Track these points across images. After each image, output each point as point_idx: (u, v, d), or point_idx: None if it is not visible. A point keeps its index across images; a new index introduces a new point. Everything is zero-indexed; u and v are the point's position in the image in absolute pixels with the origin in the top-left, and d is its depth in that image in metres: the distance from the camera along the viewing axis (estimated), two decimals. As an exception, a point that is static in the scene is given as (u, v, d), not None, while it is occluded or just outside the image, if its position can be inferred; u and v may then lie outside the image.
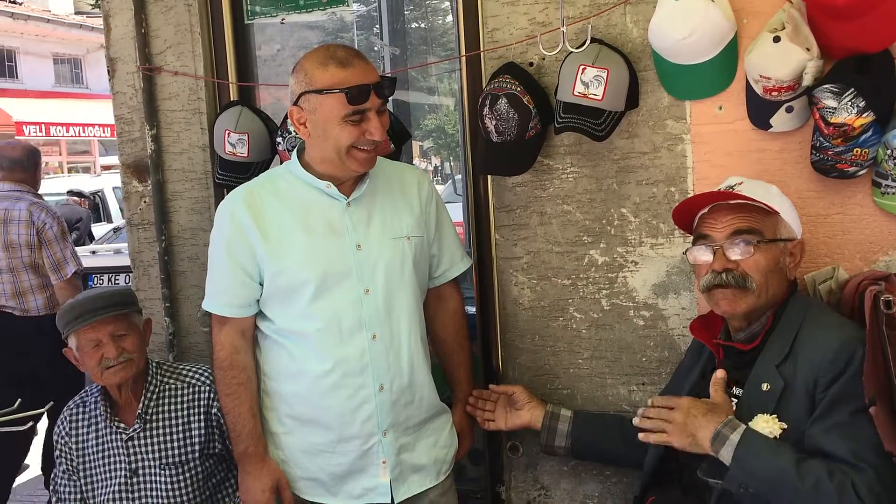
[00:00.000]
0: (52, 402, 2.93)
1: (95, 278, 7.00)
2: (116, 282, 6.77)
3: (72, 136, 20.33)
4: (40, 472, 4.88)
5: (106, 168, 22.29)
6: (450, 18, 2.41)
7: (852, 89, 1.85)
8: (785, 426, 1.68)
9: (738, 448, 1.66)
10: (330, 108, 1.94)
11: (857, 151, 1.93)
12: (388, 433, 2.09)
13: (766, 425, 1.69)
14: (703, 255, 1.87)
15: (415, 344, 2.12)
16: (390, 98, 2.08)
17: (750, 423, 1.71)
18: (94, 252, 7.51)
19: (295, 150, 2.15)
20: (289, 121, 2.50)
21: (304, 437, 2.11)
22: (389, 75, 1.98)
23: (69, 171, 20.73)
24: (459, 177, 2.40)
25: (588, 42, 2.18)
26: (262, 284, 2.08)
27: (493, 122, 2.23)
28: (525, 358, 2.48)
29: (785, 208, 1.87)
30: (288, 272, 2.04)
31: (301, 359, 2.07)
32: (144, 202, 2.89)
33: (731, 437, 1.67)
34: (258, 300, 2.11)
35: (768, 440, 1.67)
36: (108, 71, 2.90)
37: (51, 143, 20.38)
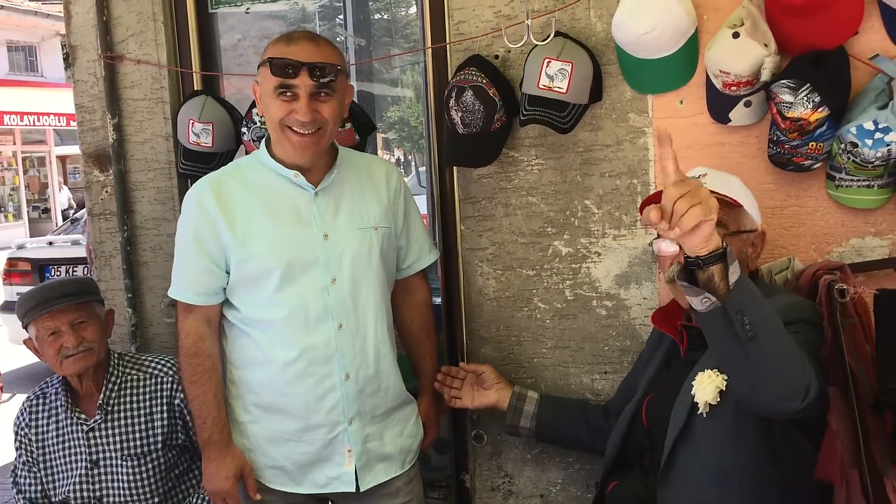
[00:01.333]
0: None
1: (52, 269, 6.95)
2: (74, 273, 6.70)
3: (26, 125, 19.86)
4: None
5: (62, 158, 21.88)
6: (413, 10, 2.42)
7: (808, 84, 1.90)
8: (727, 377, 1.65)
9: (741, 277, 1.46)
10: (265, 79, 1.98)
11: (812, 145, 1.98)
12: (354, 422, 2.10)
13: (710, 380, 1.69)
14: (670, 246, 1.84)
15: (381, 334, 2.14)
16: (346, 88, 2.07)
17: (694, 382, 1.71)
18: (51, 243, 7.44)
19: (263, 139, 2.14)
20: (254, 111, 2.51)
21: (270, 425, 2.11)
22: (333, 62, 1.99)
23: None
24: (423, 168, 2.42)
25: (552, 35, 2.21)
26: (228, 272, 2.08)
27: (459, 114, 2.24)
28: (490, 348, 2.50)
29: (746, 200, 1.89)
30: (254, 260, 2.04)
31: (267, 347, 2.07)
32: (106, 192, 2.85)
33: (733, 265, 1.44)
34: (224, 288, 2.10)
35: None
36: (69, 59, 2.87)
37: (4, 133, 19.89)
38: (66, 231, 8.38)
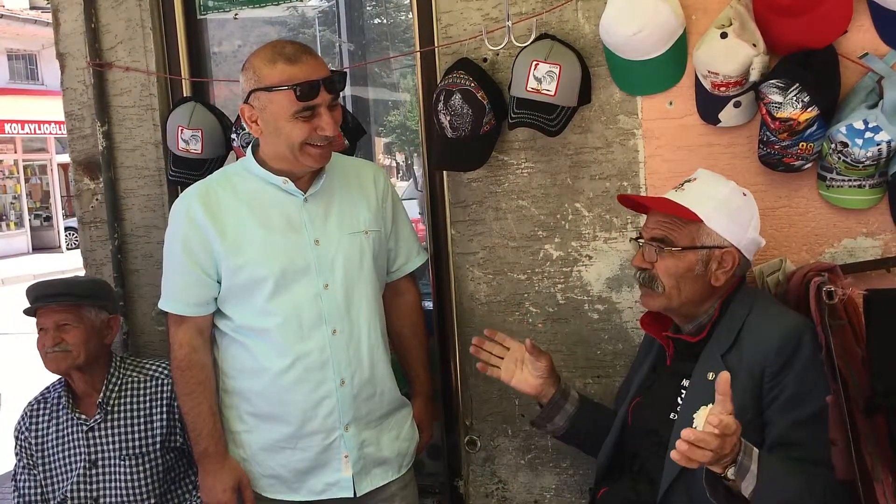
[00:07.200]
0: None
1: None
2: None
3: (27, 133, 19.91)
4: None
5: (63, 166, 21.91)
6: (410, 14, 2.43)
7: (797, 84, 1.88)
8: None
9: (759, 480, 1.57)
10: (279, 105, 1.93)
11: (802, 145, 1.96)
12: (350, 427, 2.09)
13: None
14: (635, 249, 1.93)
15: (375, 338, 2.13)
16: (342, 93, 2.08)
17: (695, 416, 1.72)
18: None
19: (250, 146, 2.13)
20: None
21: (266, 434, 2.11)
22: (340, 70, 1.98)
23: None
24: (420, 173, 2.42)
25: (533, 37, 2.20)
26: (219, 282, 2.07)
27: (448, 118, 2.23)
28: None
29: (719, 215, 1.81)
30: (246, 269, 2.03)
31: (261, 356, 2.06)
32: (97, 200, 2.85)
33: (752, 469, 1.57)
34: (216, 298, 2.09)
35: (780, 463, 1.63)
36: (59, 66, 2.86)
37: (5, 141, 19.94)
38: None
